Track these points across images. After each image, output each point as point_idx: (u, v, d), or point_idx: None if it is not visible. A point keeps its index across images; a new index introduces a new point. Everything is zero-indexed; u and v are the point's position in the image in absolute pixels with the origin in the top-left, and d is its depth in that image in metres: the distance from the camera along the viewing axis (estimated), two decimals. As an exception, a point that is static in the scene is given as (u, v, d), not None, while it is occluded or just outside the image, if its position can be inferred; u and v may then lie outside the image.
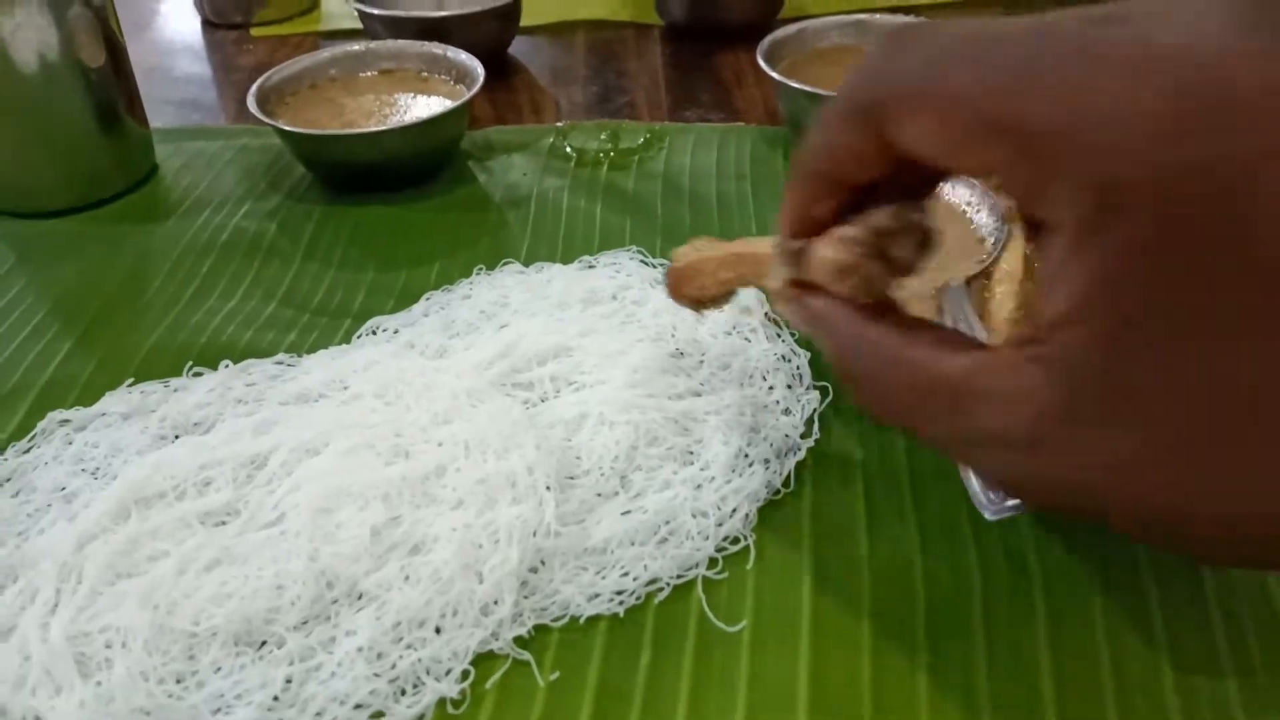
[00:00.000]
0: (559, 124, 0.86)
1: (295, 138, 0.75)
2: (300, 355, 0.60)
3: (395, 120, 0.78)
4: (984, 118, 0.29)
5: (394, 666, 0.43)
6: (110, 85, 0.76)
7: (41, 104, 0.72)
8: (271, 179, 0.79)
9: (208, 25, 1.11)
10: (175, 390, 0.58)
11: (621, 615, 0.45)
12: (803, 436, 0.54)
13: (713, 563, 0.47)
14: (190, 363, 0.60)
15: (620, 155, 0.81)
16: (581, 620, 0.45)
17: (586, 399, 0.54)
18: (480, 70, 0.79)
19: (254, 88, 0.77)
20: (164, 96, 0.95)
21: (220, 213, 0.76)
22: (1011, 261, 0.59)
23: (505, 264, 0.68)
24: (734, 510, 0.49)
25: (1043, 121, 0.27)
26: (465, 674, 0.43)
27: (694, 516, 0.49)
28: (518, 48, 1.02)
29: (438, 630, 0.44)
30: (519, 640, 0.44)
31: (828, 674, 0.43)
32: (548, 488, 0.49)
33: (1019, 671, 0.42)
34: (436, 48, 0.83)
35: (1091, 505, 0.30)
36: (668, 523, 0.48)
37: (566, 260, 0.68)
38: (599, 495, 0.50)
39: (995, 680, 0.42)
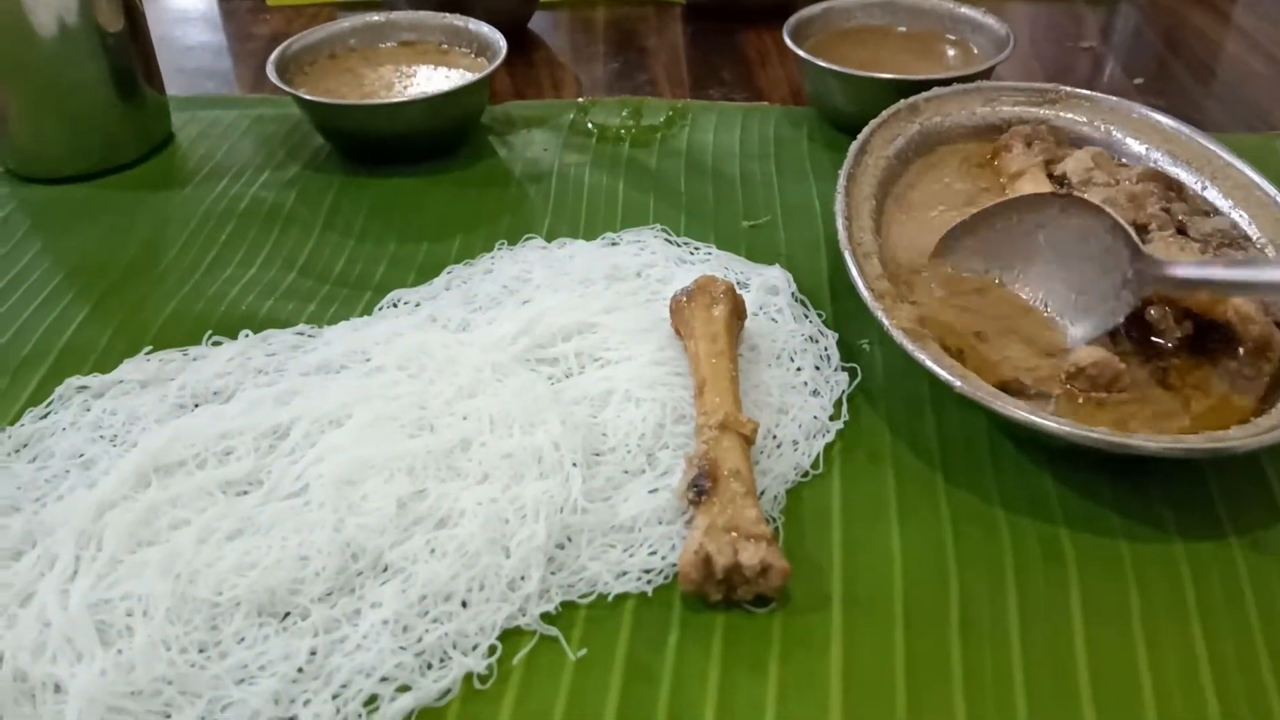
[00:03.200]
0: (580, 99, 0.85)
1: (315, 107, 0.73)
2: (321, 326, 0.60)
3: (416, 92, 0.77)
4: None
5: (420, 640, 0.42)
6: (128, 51, 0.75)
7: (59, 68, 0.71)
8: (290, 149, 0.78)
9: (222, -6, 1.10)
10: (194, 359, 0.57)
11: (650, 594, 0.45)
12: (831, 418, 0.53)
13: (741, 543, 0.47)
14: (209, 331, 0.59)
15: (642, 132, 0.80)
16: (609, 598, 0.45)
17: (612, 375, 0.54)
18: (502, 43, 0.78)
19: (273, 56, 0.75)
20: (177, 64, 0.94)
21: (238, 181, 0.75)
22: None
23: (527, 239, 0.67)
24: (762, 491, 0.49)
25: None
26: (492, 649, 0.42)
27: (722, 496, 0.48)
28: (537, 23, 1.01)
29: (464, 604, 0.43)
30: (546, 616, 0.44)
31: (860, 658, 0.42)
32: (574, 464, 0.48)
33: (1055, 662, 0.42)
34: (458, 20, 0.82)
35: None
36: (696, 502, 0.48)
37: (589, 237, 0.67)
38: (626, 472, 0.49)
39: (1030, 669, 0.42)
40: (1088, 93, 0.69)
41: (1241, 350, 0.51)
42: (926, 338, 0.50)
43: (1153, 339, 0.53)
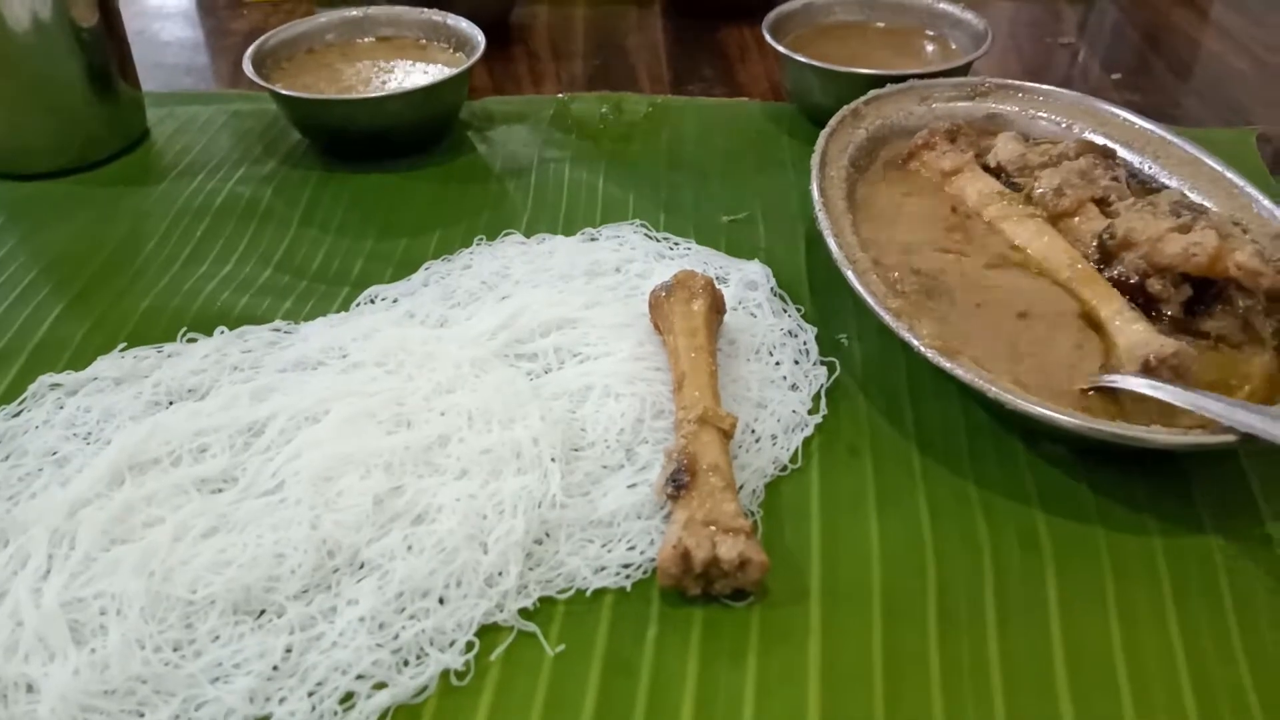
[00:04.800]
0: (560, 95, 0.85)
1: (292, 102, 0.73)
2: (298, 322, 0.59)
3: (394, 87, 0.77)
4: None
5: (397, 637, 0.42)
6: (103, 46, 0.74)
7: (33, 63, 0.70)
8: (267, 144, 0.78)
9: (200, -11, 1.09)
10: (169, 356, 0.57)
11: (629, 589, 0.45)
12: (810, 413, 0.53)
13: (720, 537, 0.47)
14: (185, 328, 0.58)
15: (622, 128, 0.80)
16: (588, 593, 0.44)
17: (591, 371, 0.53)
18: (481, 38, 0.78)
19: (250, 50, 0.75)
20: (153, 60, 0.93)
21: (214, 177, 0.74)
22: None
23: (506, 234, 0.67)
24: (741, 486, 0.48)
25: None
26: (470, 645, 0.42)
27: (701, 491, 0.48)
28: (516, 18, 1.00)
29: (441, 601, 0.43)
30: (524, 612, 0.44)
31: (838, 650, 0.42)
32: (553, 459, 0.48)
33: (1032, 653, 0.42)
34: (436, 15, 0.82)
35: None
36: (675, 496, 0.48)
37: (568, 232, 0.67)
38: (605, 467, 0.49)
39: (1008, 661, 0.42)
40: (1018, 83, 0.70)
41: (1244, 305, 0.52)
42: (957, 353, 0.49)
43: (1155, 309, 0.54)
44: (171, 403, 0.53)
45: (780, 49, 0.76)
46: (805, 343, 0.57)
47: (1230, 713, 0.40)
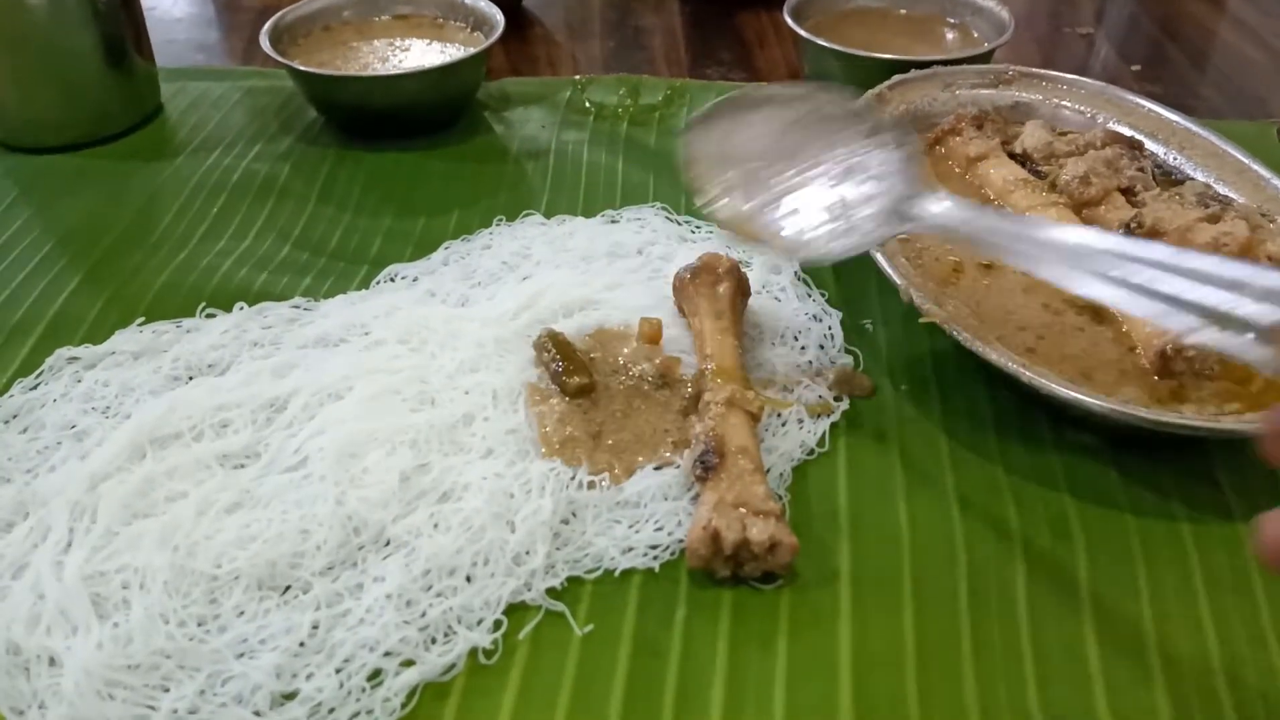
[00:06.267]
0: (577, 77, 0.84)
1: (310, 79, 0.72)
2: (317, 299, 0.59)
3: (412, 65, 0.76)
4: None
5: (424, 615, 0.41)
6: (118, 19, 0.73)
7: (48, 35, 0.69)
8: (282, 121, 0.77)
9: (210, -34, 1.08)
10: (188, 331, 0.56)
11: (656, 570, 0.44)
12: (836, 398, 0.53)
13: (748, 520, 0.46)
14: (203, 304, 0.58)
15: (640, 111, 0.79)
16: (616, 574, 0.44)
17: (616, 352, 0.53)
18: (500, 18, 0.77)
19: (267, 26, 0.74)
20: (164, 36, 0.92)
21: (230, 154, 0.73)
22: None
23: (526, 215, 0.66)
24: (768, 470, 0.48)
25: None
26: (498, 624, 0.42)
27: (729, 473, 0.48)
28: (531, 0, 1.00)
29: (469, 579, 0.43)
30: (552, 592, 0.43)
31: (869, 634, 0.42)
32: (579, 439, 0.48)
33: (1064, 637, 0.42)
34: (454, -7, 0.81)
35: None
36: (702, 478, 0.47)
37: (588, 214, 0.66)
38: (630, 449, 0.49)
39: (1040, 647, 0.41)
40: (1042, 71, 0.69)
41: None
42: (987, 338, 0.49)
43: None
44: (191, 378, 0.53)
45: (802, 32, 0.75)
46: (830, 328, 0.56)
47: (1262, 696, 0.40)
